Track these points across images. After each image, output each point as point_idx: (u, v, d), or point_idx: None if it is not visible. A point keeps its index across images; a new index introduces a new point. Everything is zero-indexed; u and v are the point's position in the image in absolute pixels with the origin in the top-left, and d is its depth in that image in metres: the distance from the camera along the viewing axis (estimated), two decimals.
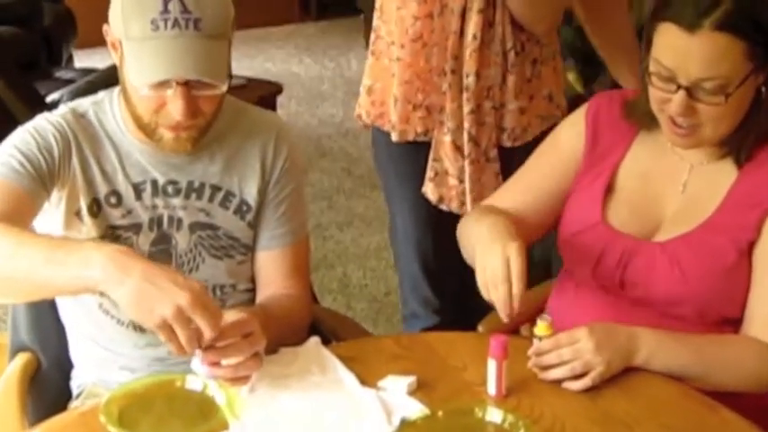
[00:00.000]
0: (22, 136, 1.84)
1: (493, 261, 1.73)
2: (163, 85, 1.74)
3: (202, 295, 1.52)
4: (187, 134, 1.82)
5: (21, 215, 1.76)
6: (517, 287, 1.70)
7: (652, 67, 1.80)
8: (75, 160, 1.86)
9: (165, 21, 1.71)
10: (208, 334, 1.52)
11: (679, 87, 1.76)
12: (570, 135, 2.05)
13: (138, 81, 1.75)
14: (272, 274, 1.99)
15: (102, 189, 1.87)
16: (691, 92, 1.76)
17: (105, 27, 1.81)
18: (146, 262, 1.55)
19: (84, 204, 1.86)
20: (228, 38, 1.80)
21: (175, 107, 1.75)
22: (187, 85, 1.74)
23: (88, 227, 1.87)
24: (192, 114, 1.77)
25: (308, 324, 2.01)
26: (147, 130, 1.83)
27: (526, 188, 2.08)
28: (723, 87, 1.75)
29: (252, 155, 1.96)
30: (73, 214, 1.87)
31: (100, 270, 1.53)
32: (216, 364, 1.61)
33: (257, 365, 1.66)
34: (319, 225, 4.67)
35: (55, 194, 1.85)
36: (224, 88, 1.80)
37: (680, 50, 1.75)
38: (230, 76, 1.82)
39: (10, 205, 1.74)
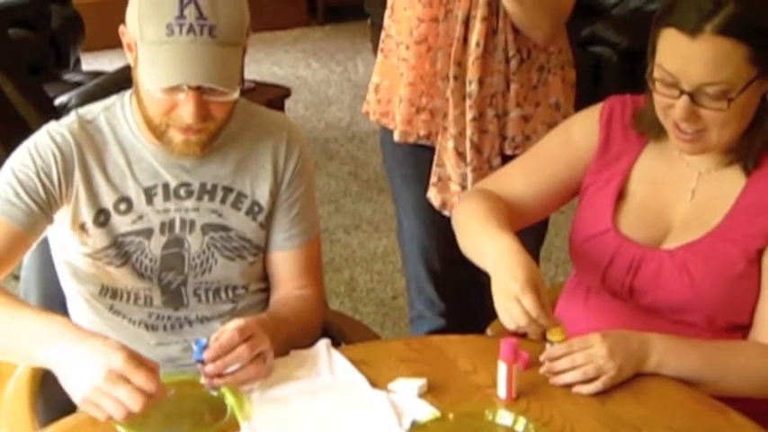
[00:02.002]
0: (23, 158, 1.85)
1: (510, 310, 1.70)
2: (175, 88, 1.75)
3: (125, 366, 1.53)
4: (197, 138, 1.83)
5: (13, 252, 1.82)
6: (545, 322, 1.70)
7: (656, 74, 1.81)
8: (77, 176, 1.86)
9: (181, 26, 1.72)
10: (131, 406, 1.52)
11: (682, 93, 1.76)
12: (584, 130, 2.04)
13: (151, 85, 1.76)
14: (286, 273, 2.01)
15: (110, 198, 1.88)
16: (693, 97, 1.75)
17: (122, 28, 1.82)
18: (71, 342, 1.59)
19: (88, 217, 1.87)
20: (242, 45, 1.82)
21: (186, 111, 1.76)
22: (199, 89, 1.75)
23: (95, 238, 1.88)
24: (202, 118, 1.78)
25: (321, 323, 2.03)
26: (158, 132, 1.84)
27: (530, 175, 2.06)
28: (725, 92, 1.74)
29: (263, 156, 1.97)
30: (78, 228, 1.88)
31: (44, 359, 1.62)
32: (218, 374, 1.63)
33: (260, 369, 1.67)
34: (326, 229, 4.67)
35: (59, 211, 1.87)
36: (235, 95, 1.81)
37: (682, 55, 1.75)
38: (242, 82, 1.83)
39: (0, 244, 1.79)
